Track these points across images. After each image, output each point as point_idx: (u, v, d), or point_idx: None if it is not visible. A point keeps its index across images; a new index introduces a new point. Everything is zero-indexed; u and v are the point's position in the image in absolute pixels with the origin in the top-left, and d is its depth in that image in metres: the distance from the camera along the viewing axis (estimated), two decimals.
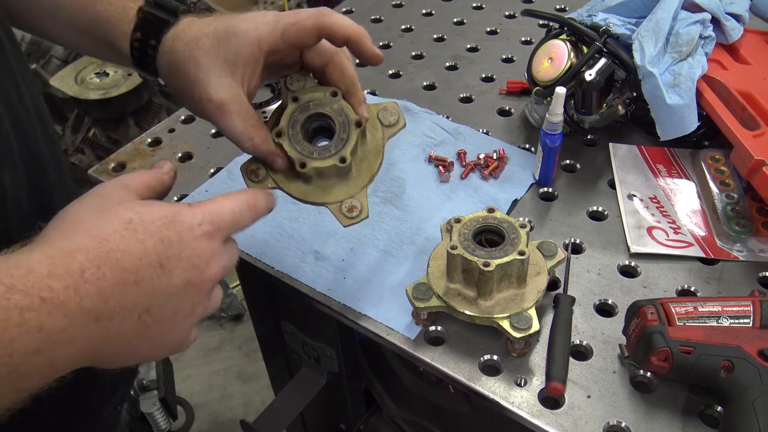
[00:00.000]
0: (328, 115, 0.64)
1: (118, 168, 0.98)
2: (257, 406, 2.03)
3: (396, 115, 0.69)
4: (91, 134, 2.51)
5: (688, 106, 0.86)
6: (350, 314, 0.77)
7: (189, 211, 0.51)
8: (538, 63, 0.94)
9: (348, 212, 0.66)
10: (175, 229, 0.49)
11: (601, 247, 0.84)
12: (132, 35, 0.64)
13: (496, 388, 0.69)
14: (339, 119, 0.64)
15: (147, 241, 0.47)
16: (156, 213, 0.49)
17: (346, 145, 0.63)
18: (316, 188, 0.66)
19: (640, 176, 0.93)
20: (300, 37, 0.61)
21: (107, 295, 0.44)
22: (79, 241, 0.45)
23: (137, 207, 0.49)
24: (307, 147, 0.64)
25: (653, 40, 0.87)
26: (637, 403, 0.67)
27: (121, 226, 0.47)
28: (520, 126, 1.03)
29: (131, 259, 0.46)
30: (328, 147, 0.64)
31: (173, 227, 0.49)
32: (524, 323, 0.69)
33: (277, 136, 0.63)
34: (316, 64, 0.65)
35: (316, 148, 0.64)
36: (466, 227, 0.74)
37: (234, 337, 2.22)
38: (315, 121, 0.65)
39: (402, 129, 0.69)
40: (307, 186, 0.66)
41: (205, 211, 0.52)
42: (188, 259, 0.49)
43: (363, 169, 0.67)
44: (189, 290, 0.50)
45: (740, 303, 0.66)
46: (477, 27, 1.27)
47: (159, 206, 0.50)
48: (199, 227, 0.50)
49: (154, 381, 1.59)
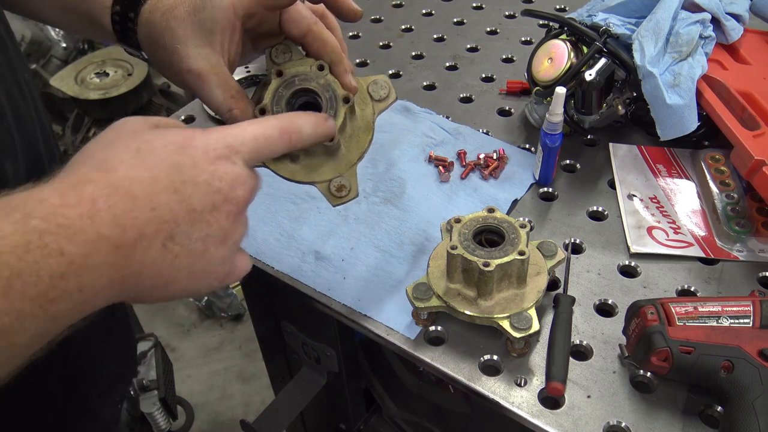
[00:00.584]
0: (315, 90, 0.61)
1: None
2: (257, 406, 2.03)
3: (387, 88, 0.65)
4: (91, 134, 2.52)
5: (688, 106, 0.86)
6: (350, 314, 0.77)
7: (203, 136, 0.49)
8: (538, 63, 0.94)
9: (337, 191, 0.63)
10: (187, 154, 0.47)
11: (601, 247, 0.84)
12: (112, 8, 0.63)
13: (496, 388, 0.69)
14: (326, 95, 0.61)
15: (157, 167, 0.46)
16: (166, 139, 0.47)
17: (334, 119, 0.60)
18: (303, 167, 0.62)
19: (640, 176, 0.93)
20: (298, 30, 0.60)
21: (123, 224, 0.43)
22: (86, 173, 0.44)
23: (147, 135, 0.48)
24: None
25: (653, 40, 0.87)
26: (637, 403, 0.67)
27: (129, 155, 0.46)
28: (520, 126, 1.03)
29: (142, 186, 0.44)
30: None
31: (185, 152, 0.47)
32: (524, 323, 0.69)
33: (260, 113, 0.60)
34: (294, 33, 0.62)
35: None
36: (466, 227, 0.74)
37: (234, 337, 2.22)
38: (301, 97, 0.62)
39: (393, 103, 0.66)
40: (294, 165, 0.62)
41: (222, 134, 0.49)
42: (206, 183, 0.47)
43: (352, 146, 0.64)
44: (215, 215, 0.48)
45: (740, 303, 0.66)
46: (477, 27, 1.27)
47: (170, 133, 0.48)
48: (213, 151, 0.48)
49: (154, 381, 1.59)
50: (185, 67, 0.58)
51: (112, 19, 0.63)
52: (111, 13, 0.63)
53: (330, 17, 0.64)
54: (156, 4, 0.60)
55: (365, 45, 1.22)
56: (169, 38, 0.59)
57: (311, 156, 0.62)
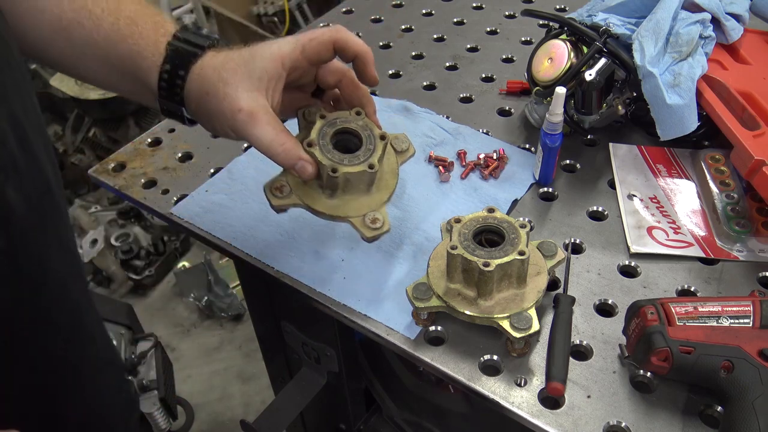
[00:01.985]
0: (355, 129, 0.71)
1: (118, 168, 0.98)
2: (257, 406, 2.03)
3: (407, 143, 0.77)
4: (91, 134, 2.52)
5: (688, 106, 0.86)
6: (350, 314, 0.77)
7: None
8: (538, 63, 0.94)
9: (371, 223, 0.71)
10: None
11: (601, 247, 0.84)
12: (161, 67, 0.68)
13: (496, 388, 0.69)
14: (365, 133, 0.71)
15: None
16: None
17: (373, 154, 0.70)
18: (339, 203, 0.71)
19: (640, 176, 0.93)
20: (318, 52, 0.68)
21: None
22: None
23: None
24: (337, 155, 0.69)
25: (653, 40, 0.87)
26: (637, 403, 0.67)
27: None
28: (520, 126, 1.03)
29: None
30: (357, 155, 0.70)
31: None
32: (524, 323, 0.69)
33: (308, 146, 0.68)
34: (330, 81, 0.72)
35: (346, 156, 0.69)
36: (466, 227, 0.74)
37: (234, 337, 2.22)
38: (341, 137, 0.71)
39: (412, 156, 0.77)
40: (331, 201, 0.71)
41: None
42: None
43: (381, 187, 0.73)
44: None
45: (740, 303, 0.66)
46: (477, 27, 1.27)
47: None
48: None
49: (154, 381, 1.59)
50: (237, 107, 0.65)
51: (159, 77, 0.68)
52: (160, 71, 0.68)
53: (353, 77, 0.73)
54: (207, 62, 0.68)
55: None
56: (221, 86, 0.66)
57: (349, 191, 0.71)
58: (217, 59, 0.68)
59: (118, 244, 2.27)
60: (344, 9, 1.34)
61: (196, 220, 0.88)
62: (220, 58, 0.68)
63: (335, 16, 1.32)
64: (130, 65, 0.69)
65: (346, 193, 0.71)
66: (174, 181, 0.95)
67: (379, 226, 0.71)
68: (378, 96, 1.09)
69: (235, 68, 0.66)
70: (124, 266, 2.27)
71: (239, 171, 0.95)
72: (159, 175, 0.97)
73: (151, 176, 0.96)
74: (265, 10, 2.95)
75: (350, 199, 0.71)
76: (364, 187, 0.72)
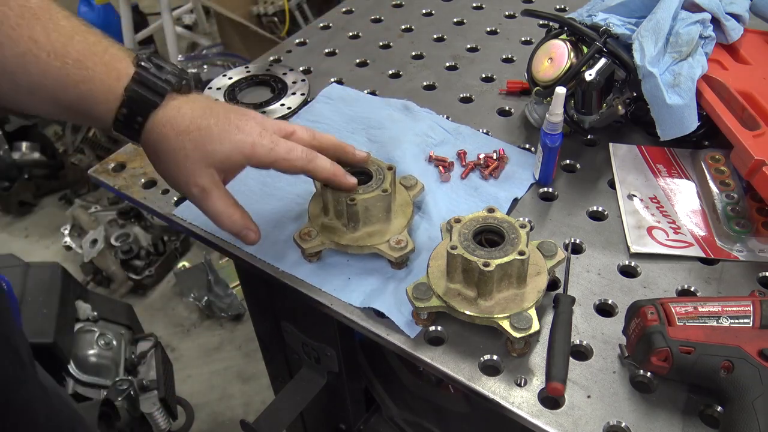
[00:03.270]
0: (365, 168, 0.80)
1: (118, 168, 0.98)
2: (257, 406, 2.03)
3: (414, 179, 0.86)
4: (91, 134, 2.52)
5: (688, 106, 0.86)
6: (350, 314, 0.77)
7: None
8: (538, 63, 0.94)
9: (396, 244, 0.78)
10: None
11: (601, 247, 0.84)
12: (117, 111, 0.67)
13: (496, 388, 0.69)
14: (373, 167, 0.80)
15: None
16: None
17: (384, 181, 0.78)
18: (363, 235, 0.79)
19: (640, 176, 0.93)
20: (286, 170, 0.72)
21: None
22: None
23: None
24: None
25: (653, 40, 0.87)
26: (637, 403, 0.67)
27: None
28: (520, 126, 1.03)
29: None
30: (371, 185, 0.78)
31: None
32: (524, 323, 0.69)
33: (323, 187, 0.78)
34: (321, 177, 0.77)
35: (361, 186, 0.78)
36: (466, 227, 0.74)
37: (234, 337, 2.22)
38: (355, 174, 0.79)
39: (422, 190, 0.86)
40: (355, 234, 0.79)
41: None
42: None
43: (399, 215, 0.81)
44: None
45: (740, 303, 0.66)
46: (477, 27, 1.27)
47: None
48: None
49: (154, 381, 1.59)
50: (193, 181, 0.69)
51: (115, 119, 0.68)
52: (115, 114, 0.68)
53: None
54: (170, 120, 0.68)
55: (365, 45, 1.23)
56: (181, 157, 0.68)
57: (368, 225, 0.79)
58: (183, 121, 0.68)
59: (118, 244, 2.27)
60: (344, 9, 1.34)
61: (197, 221, 0.88)
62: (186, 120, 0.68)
63: (335, 16, 1.32)
64: (83, 108, 0.67)
65: (367, 224, 0.79)
66: None
67: (403, 245, 0.78)
68: (378, 96, 1.09)
69: (199, 144, 0.68)
70: (124, 266, 2.27)
71: None
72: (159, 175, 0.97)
73: (151, 176, 0.96)
74: (265, 10, 2.95)
75: (372, 231, 0.79)
76: (383, 216, 0.79)
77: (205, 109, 0.69)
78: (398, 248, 0.77)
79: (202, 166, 0.68)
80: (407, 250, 0.78)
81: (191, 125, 0.68)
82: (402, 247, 0.78)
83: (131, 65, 0.67)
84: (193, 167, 0.68)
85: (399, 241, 0.78)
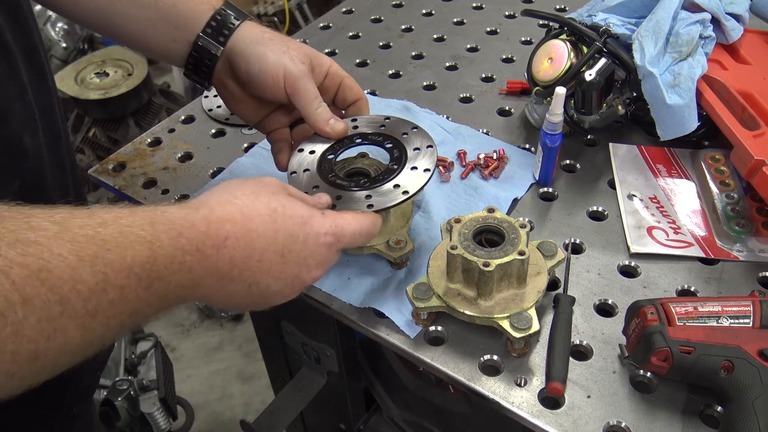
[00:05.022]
0: (365, 168, 0.80)
1: (118, 168, 0.98)
2: (257, 406, 2.03)
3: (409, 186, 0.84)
4: (91, 134, 2.51)
5: (688, 106, 0.86)
6: (350, 314, 0.77)
7: (321, 219, 0.62)
8: (538, 63, 0.94)
9: (395, 244, 0.78)
10: (304, 231, 0.60)
11: (601, 247, 0.84)
12: (215, 11, 0.74)
13: (496, 388, 0.69)
14: (372, 168, 0.80)
15: (280, 232, 0.58)
16: (296, 211, 0.60)
17: None
18: None
19: (640, 176, 0.93)
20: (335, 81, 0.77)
21: (235, 263, 0.55)
22: (232, 213, 0.56)
23: (284, 200, 0.60)
24: None
25: (653, 40, 0.87)
26: (637, 403, 0.67)
27: (266, 212, 0.58)
28: (520, 126, 1.03)
29: (262, 242, 0.57)
30: None
31: (304, 228, 0.60)
32: (524, 323, 0.69)
33: None
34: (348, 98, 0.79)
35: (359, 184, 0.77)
36: (466, 227, 0.74)
37: (234, 337, 2.22)
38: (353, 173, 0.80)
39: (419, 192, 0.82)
40: None
41: (333, 223, 0.63)
42: (305, 258, 0.60)
43: (399, 216, 0.81)
44: (293, 282, 0.61)
45: (740, 303, 0.66)
46: (477, 27, 1.27)
47: (300, 206, 0.61)
48: (324, 236, 0.61)
49: (154, 381, 1.59)
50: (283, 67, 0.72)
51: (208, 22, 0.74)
52: (213, 14, 0.74)
53: None
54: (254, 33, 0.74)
55: (365, 45, 1.23)
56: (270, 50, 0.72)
57: None
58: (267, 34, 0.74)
59: None
60: (344, 9, 1.34)
61: None
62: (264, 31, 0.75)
63: (335, 16, 1.32)
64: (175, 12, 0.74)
65: None
66: (174, 181, 0.95)
67: (403, 246, 0.78)
68: (378, 96, 1.09)
69: (282, 41, 0.73)
70: None
71: (240, 172, 0.95)
72: (159, 175, 0.97)
73: (151, 176, 0.96)
74: (265, 10, 2.95)
75: None
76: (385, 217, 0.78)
77: None
78: (398, 248, 0.78)
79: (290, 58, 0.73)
80: (407, 250, 0.78)
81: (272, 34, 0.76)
82: (401, 247, 0.78)
83: None
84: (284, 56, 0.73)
85: (398, 241, 0.78)
